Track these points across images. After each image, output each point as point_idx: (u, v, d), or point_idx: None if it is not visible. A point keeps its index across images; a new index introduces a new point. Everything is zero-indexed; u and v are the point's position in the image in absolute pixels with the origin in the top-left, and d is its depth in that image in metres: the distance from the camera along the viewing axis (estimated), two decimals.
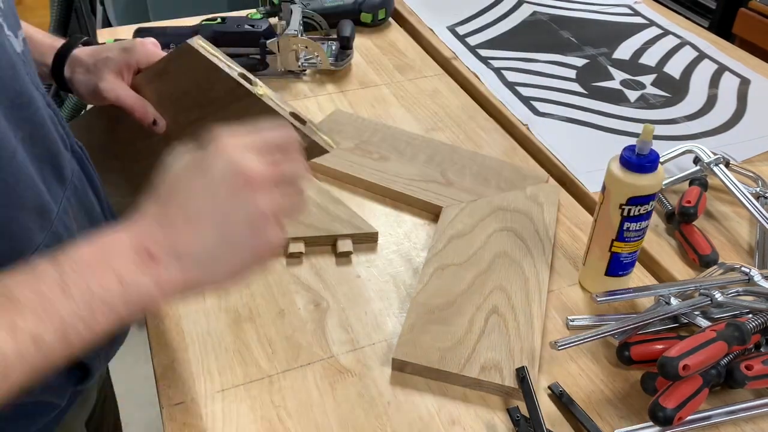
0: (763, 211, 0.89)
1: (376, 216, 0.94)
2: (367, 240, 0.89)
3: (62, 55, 0.75)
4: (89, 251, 0.44)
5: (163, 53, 0.75)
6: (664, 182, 0.96)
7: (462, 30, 1.45)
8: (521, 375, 0.69)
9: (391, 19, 1.46)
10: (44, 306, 0.41)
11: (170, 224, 0.46)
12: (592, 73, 1.30)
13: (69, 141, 0.62)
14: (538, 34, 1.44)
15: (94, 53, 0.74)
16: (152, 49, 0.75)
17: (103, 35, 1.36)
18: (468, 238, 0.88)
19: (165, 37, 1.22)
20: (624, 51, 1.38)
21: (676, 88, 1.26)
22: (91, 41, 0.78)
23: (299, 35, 1.22)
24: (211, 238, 0.46)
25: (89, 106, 0.81)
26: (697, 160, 0.99)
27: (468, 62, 1.32)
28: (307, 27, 1.35)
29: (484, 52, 1.36)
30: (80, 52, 0.75)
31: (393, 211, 0.95)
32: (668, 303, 0.75)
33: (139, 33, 1.24)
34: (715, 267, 0.82)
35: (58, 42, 0.76)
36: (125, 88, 0.72)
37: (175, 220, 0.46)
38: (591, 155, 1.06)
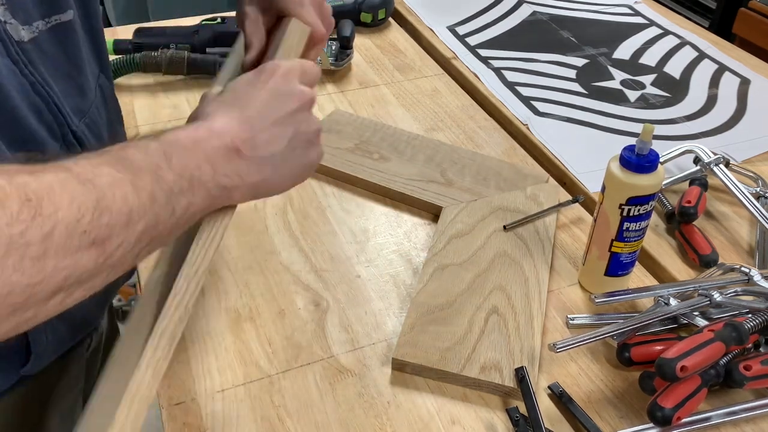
0: (763, 211, 0.89)
1: (376, 216, 0.94)
2: None
3: None
4: (185, 136, 0.48)
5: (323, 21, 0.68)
6: (664, 182, 0.96)
7: (462, 30, 1.45)
8: (520, 375, 0.69)
9: (391, 19, 1.46)
10: (156, 171, 0.44)
11: (250, 126, 0.50)
12: (592, 73, 1.30)
13: (62, 130, 0.61)
14: (538, 34, 1.44)
15: None
16: (309, 18, 0.66)
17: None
18: (468, 238, 0.88)
19: (165, 37, 1.22)
20: (624, 51, 1.38)
21: (676, 88, 1.26)
22: None
23: None
24: (283, 143, 0.51)
25: None
26: (697, 160, 0.99)
27: (468, 62, 1.32)
28: None
29: (484, 52, 1.36)
30: None
31: (393, 211, 0.95)
32: (667, 304, 0.75)
33: (139, 33, 1.24)
34: (715, 267, 0.83)
35: None
36: (259, 26, 0.66)
37: (253, 124, 0.51)
38: (591, 155, 1.06)
